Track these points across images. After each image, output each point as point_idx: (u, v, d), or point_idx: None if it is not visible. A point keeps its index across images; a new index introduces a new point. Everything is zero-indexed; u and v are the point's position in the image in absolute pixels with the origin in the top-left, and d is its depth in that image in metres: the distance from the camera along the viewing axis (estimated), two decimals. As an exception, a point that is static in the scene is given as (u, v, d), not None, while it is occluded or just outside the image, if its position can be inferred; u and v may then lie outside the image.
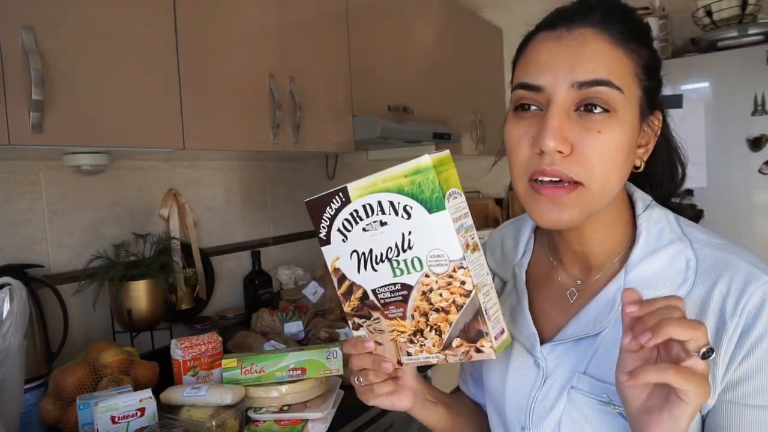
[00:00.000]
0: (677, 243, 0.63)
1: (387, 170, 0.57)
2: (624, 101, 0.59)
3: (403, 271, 0.59)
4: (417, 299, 0.59)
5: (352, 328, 0.67)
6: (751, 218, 2.19)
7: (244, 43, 1.46)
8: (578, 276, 0.70)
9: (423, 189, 0.55)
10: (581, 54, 0.58)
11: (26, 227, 1.37)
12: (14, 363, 0.98)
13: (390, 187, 0.57)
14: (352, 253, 0.62)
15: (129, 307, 1.41)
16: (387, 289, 0.61)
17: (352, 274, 0.63)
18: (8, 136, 0.98)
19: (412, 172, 0.55)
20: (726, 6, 2.23)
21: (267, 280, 1.91)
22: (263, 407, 1.19)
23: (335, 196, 0.61)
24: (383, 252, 0.59)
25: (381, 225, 0.58)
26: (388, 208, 0.57)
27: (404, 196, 0.56)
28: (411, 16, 2.25)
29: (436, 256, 0.56)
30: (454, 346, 0.59)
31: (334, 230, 0.62)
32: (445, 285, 0.57)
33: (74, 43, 1.08)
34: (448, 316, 0.58)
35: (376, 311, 0.63)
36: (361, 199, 0.59)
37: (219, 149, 1.43)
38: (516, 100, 0.63)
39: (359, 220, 0.60)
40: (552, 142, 0.57)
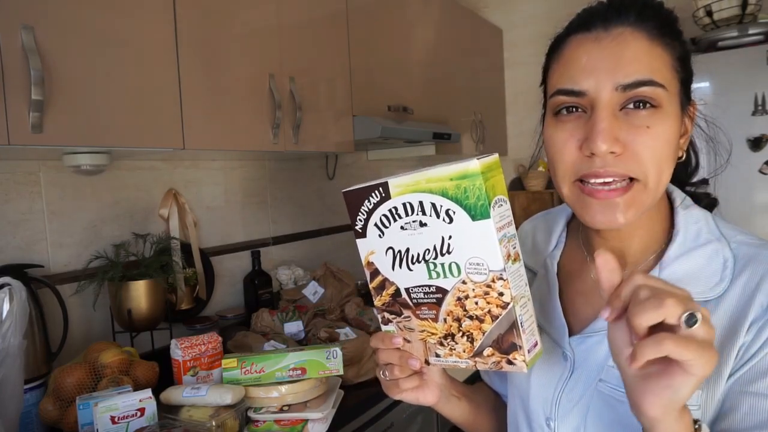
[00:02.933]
0: (715, 243, 0.63)
1: (432, 170, 0.55)
2: (667, 96, 0.59)
3: (440, 275, 0.58)
4: (451, 304, 0.58)
5: (381, 322, 0.66)
6: (752, 218, 2.19)
7: (244, 43, 1.46)
8: None
9: (468, 195, 0.53)
10: (622, 56, 0.58)
11: (26, 227, 1.37)
12: (14, 363, 0.98)
13: (433, 189, 0.55)
14: (388, 249, 0.61)
15: (129, 307, 1.41)
16: (421, 290, 0.60)
17: (386, 270, 0.62)
18: (8, 136, 0.98)
19: (458, 176, 0.53)
20: (726, 6, 2.23)
21: (267, 280, 1.91)
22: (263, 407, 1.19)
23: (375, 191, 0.59)
24: (420, 253, 0.58)
25: (420, 225, 0.57)
26: (429, 210, 0.56)
27: (448, 199, 0.54)
28: (411, 16, 2.25)
29: (475, 264, 0.55)
30: (485, 354, 0.58)
31: (370, 224, 0.61)
32: (482, 294, 0.55)
33: (74, 43, 1.08)
34: (482, 324, 0.56)
35: (407, 309, 0.62)
36: (401, 197, 0.57)
37: (219, 149, 1.43)
38: (556, 106, 0.63)
39: (398, 217, 0.58)
40: (604, 144, 0.57)
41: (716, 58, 2.20)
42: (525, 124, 3.09)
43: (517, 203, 3.07)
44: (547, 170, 3.01)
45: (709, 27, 2.30)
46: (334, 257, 2.33)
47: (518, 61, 3.10)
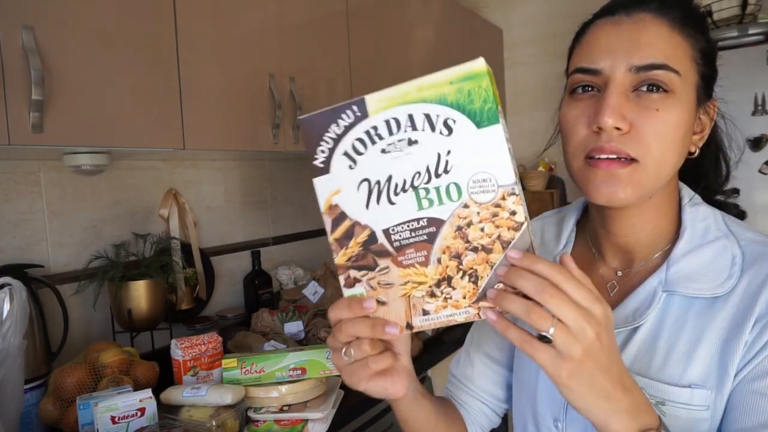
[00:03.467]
0: (723, 239, 0.63)
1: (425, 77, 0.46)
2: (682, 84, 0.59)
3: (433, 202, 0.48)
4: (449, 237, 0.48)
5: (345, 285, 0.53)
6: (752, 218, 2.19)
7: (244, 43, 1.46)
8: (619, 268, 0.70)
9: (473, 98, 0.45)
10: (639, 39, 0.59)
11: (26, 227, 1.37)
12: (14, 363, 0.98)
13: (429, 97, 0.46)
14: (362, 182, 0.50)
15: (129, 307, 1.41)
16: (407, 227, 0.49)
17: (356, 210, 0.51)
18: (8, 136, 0.98)
19: (461, 78, 0.45)
20: (726, 6, 2.23)
21: (267, 280, 1.91)
22: (263, 407, 1.19)
23: (346, 111, 0.49)
24: (407, 179, 0.49)
25: (409, 144, 0.48)
26: (422, 123, 0.47)
27: (446, 106, 0.46)
28: (411, 16, 2.25)
29: (480, 180, 0.47)
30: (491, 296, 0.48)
31: (337, 154, 0.50)
32: (488, 217, 0.47)
33: (74, 43, 1.08)
34: (490, 255, 0.47)
35: (385, 258, 0.51)
36: (383, 113, 0.48)
37: (219, 149, 1.43)
38: (573, 84, 0.64)
39: (378, 139, 0.49)
40: (610, 119, 0.57)
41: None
42: (525, 124, 3.09)
43: (517, 203, 3.06)
44: (547, 170, 3.01)
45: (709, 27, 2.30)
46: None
47: (518, 61, 3.10)
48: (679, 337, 0.61)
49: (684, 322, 0.61)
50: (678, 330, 0.61)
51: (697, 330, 0.60)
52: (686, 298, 0.62)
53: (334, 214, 0.52)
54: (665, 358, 0.61)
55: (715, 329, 0.59)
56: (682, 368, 0.60)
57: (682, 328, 0.61)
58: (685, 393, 0.59)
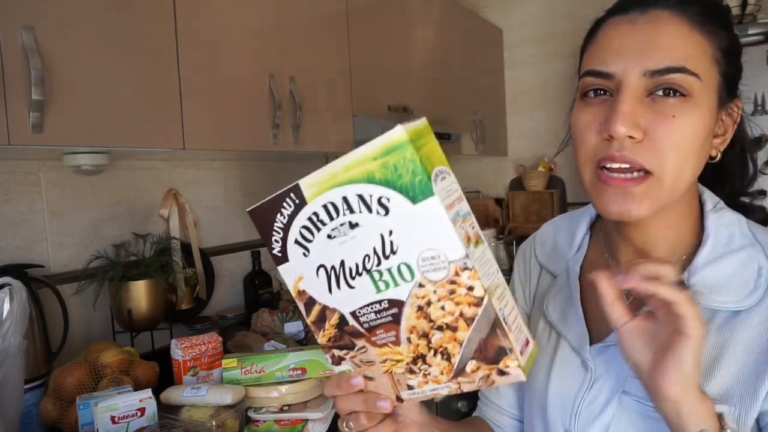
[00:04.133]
0: (749, 249, 0.59)
1: (349, 154, 0.44)
2: (701, 87, 0.55)
3: (389, 284, 0.46)
4: (412, 317, 0.47)
5: (332, 363, 0.54)
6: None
7: (244, 43, 1.46)
8: None
9: (400, 173, 0.42)
10: (654, 39, 0.55)
11: (26, 227, 1.36)
12: (14, 363, 0.98)
13: (356, 177, 0.44)
14: (319, 268, 0.49)
15: (129, 307, 1.41)
16: (371, 309, 0.48)
17: (322, 295, 0.50)
18: (8, 136, 0.98)
19: (382, 152, 0.42)
20: (726, 6, 2.23)
21: (267, 280, 1.91)
22: (263, 407, 1.19)
23: (285, 199, 0.48)
24: (358, 263, 0.47)
25: (351, 227, 0.46)
26: (357, 205, 0.45)
27: (376, 185, 0.43)
28: (411, 16, 2.25)
29: (429, 258, 0.44)
30: (468, 371, 0.47)
31: (290, 243, 0.49)
32: (446, 295, 0.45)
33: (74, 43, 1.08)
34: (456, 333, 0.46)
35: (360, 339, 0.50)
36: (319, 198, 0.46)
37: (219, 149, 1.43)
38: (584, 87, 0.60)
39: (321, 225, 0.47)
40: (623, 127, 0.54)
41: (716, 58, 2.20)
42: (525, 124, 3.09)
43: (517, 203, 3.06)
44: (547, 170, 3.01)
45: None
46: (334, 257, 2.33)
47: (518, 61, 3.10)
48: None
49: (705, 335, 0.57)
50: None
51: (718, 344, 0.57)
52: (707, 309, 0.58)
53: (304, 298, 0.51)
54: None
55: (739, 343, 0.56)
56: (703, 383, 0.56)
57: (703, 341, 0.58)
58: None
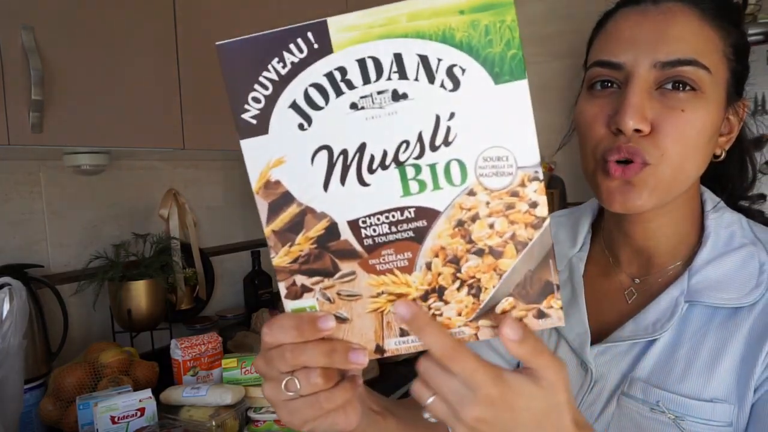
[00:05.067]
0: (749, 247, 0.59)
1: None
2: (711, 82, 0.55)
3: (425, 186, 0.35)
4: (445, 235, 0.36)
5: (288, 295, 0.40)
6: (751, 218, 2.19)
7: (244, 43, 1.46)
8: (636, 275, 0.66)
9: (492, 39, 0.32)
10: (666, 31, 0.54)
11: (26, 227, 1.36)
12: (14, 363, 0.97)
13: (427, 30, 0.32)
14: (318, 151, 0.35)
15: (129, 307, 1.41)
16: (385, 219, 0.36)
17: (308, 191, 0.36)
18: (8, 136, 0.98)
19: (476, 5, 0.32)
20: (726, 6, 2.23)
21: (267, 280, 1.91)
22: (263, 407, 1.19)
23: (296, 39, 0.35)
24: (389, 150, 0.34)
25: (394, 99, 0.34)
26: (414, 68, 0.33)
27: (453, 48, 0.32)
28: (411, 16, 2.25)
29: (494, 158, 0.34)
30: (498, 311, 0.37)
31: (281, 106, 0.35)
32: (501, 209, 0.35)
33: (74, 43, 1.08)
34: (499, 261, 0.36)
35: (349, 260, 0.37)
36: (355, 48, 0.34)
37: (219, 149, 1.43)
38: (591, 78, 0.59)
39: (346, 87, 0.34)
40: (631, 120, 0.52)
41: (716, 58, 2.20)
42: (525, 124, 3.09)
43: (517, 203, 3.05)
44: (547, 170, 3.01)
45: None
46: (334, 257, 2.33)
47: (518, 61, 3.10)
48: (700, 348, 0.57)
49: (705, 333, 0.58)
50: (699, 341, 0.58)
51: (719, 341, 0.57)
52: (709, 307, 0.58)
53: (274, 194, 0.36)
54: (685, 370, 0.57)
55: (739, 341, 0.56)
56: (704, 382, 0.56)
57: (704, 339, 0.57)
58: (706, 408, 0.55)
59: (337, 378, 0.41)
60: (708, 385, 0.56)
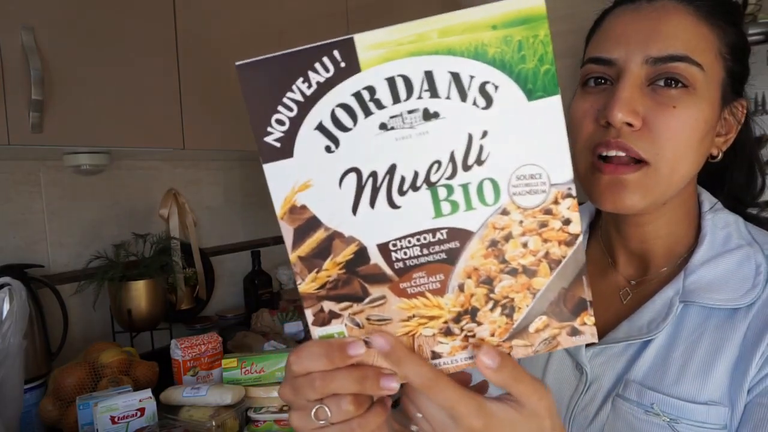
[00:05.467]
0: (746, 248, 0.59)
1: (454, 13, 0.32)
2: (704, 79, 0.54)
3: (458, 206, 0.34)
4: (478, 256, 0.35)
5: (315, 322, 0.38)
6: (751, 218, 2.19)
7: (244, 43, 1.46)
8: (633, 276, 0.65)
9: (525, 54, 0.31)
10: (659, 28, 0.54)
11: (26, 227, 1.36)
12: (14, 363, 0.98)
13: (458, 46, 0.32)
14: (347, 174, 0.34)
15: (129, 307, 1.41)
16: (416, 242, 0.35)
17: (337, 215, 0.35)
18: (8, 136, 0.98)
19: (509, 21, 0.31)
20: (726, 6, 2.23)
21: (267, 280, 1.91)
22: (263, 407, 1.19)
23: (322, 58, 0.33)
24: (420, 171, 0.34)
25: (425, 118, 0.33)
26: (446, 86, 0.32)
27: (486, 64, 0.32)
28: (411, 16, 2.24)
29: (528, 176, 0.34)
30: (532, 330, 0.36)
31: (306, 128, 0.34)
32: (535, 227, 0.35)
33: (74, 43, 1.08)
34: (533, 279, 0.35)
35: (380, 285, 0.36)
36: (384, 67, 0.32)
37: (219, 149, 1.43)
38: (584, 75, 0.59)
39: (375, 107, 0.33)
40: (620, 113, 0.52)
41: (716, 58, 2.20)
42: (525, 124, 3.09)
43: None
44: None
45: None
46: (334, 257, 2.33)
47: (518, 61, 3.10)
48: (696, 350, 0.57)
49: (701, 335, 0.57)
50: (694, 343, 0.57)
51: (715, 343, 0.56)
52: (705, 308, 0.58)
53: (300, 219, 0.35)
54: (680, 372, 0.57)
55: (735, 343, 0.55)
56: (699, 384, 0.56)
57: (699, 340, 0.57)
58: (701, 411, 0.55)
59: (368, 403, 0.40)
60: (703, 387, 0.55)
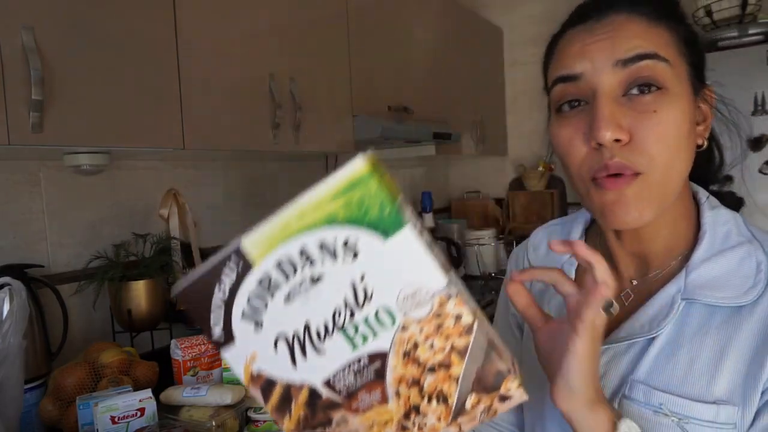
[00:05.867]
0: (747, 245, 0.59)
1: (300, 199, 0.39)
2: (674, 75, 0.55)
3: (366, 337, 0.41)
4: (399, 367, 0.42)
5: None
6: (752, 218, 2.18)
7: (244, 43, 1.46)
8: (633, 277, 0.66)
9: (367, 208, 0.38)
10: (618, 37, 0.55)
11: (26, 227, 1.36)
12: (14, 363, 0.98)
13: (316, 221, 0.39)
14: (277, 341, 0.42)
15: (129, 307, 1.41)
16: (348, 371, 0.42)
17: (284, 372, 0.43)
18: (8, 136, 0.98)
19: (344, 189, 0.38)
20: (726, 6, 2.23)
21: (267, 280, 1.90)
22: (263, 407, 1.19)
23: (223, 269, 0.42)
24: (327, 321, 0.41)
25: (313, 282, 0.40)
26: (319, 254, 0.40)
27: (340, 226, 0.39)
28: (411, 17, 2.25)
29: (410, 295, 0.40)
30: (468, 407, 0.43)
31: (235, 320, 0.42)
32: (434, 331, 0.41)
33: (74, 43, 1.08)
34: (451, 370, 0.42)
35: (337, 410, 0.43)
36: (269, 257, 0.41)
37: (219, 149, 1.43)
38: (557, 99, 0.59)
39: (276, 288, 0.41)
40: (608, 132, 0.52)
41: (716, 58, 2.20)
42: (525, 125, 3.09)
43: (518, 203, 3.06)
44: (546, 170, 3.01)
45: (709, 27, 2.30)
46: (334, 257, 2.33)
47: (518, 61, 3.10)
48: (702, 348, 0.56)
49: (706, 333, 0.57)
50: (700, 341, 0.57)
51: (721, 341, 0.56)
52: (708, 306, 0.57)
53: (260, 382, 0.43)
54: (687, 371, 0.56)
55: (742, 341, 0.55)
56: (707, 383, 0.55)
57: (704, 339, 0.57)
58: (710, 410, 0.54)
59: None
60: (711, 386, 0.55)
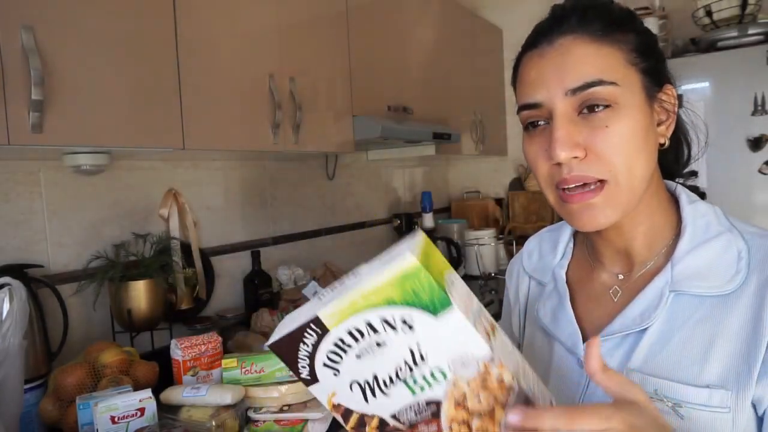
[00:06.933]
0: (726, 234, 0.62)
1: (362, 282, 0.47)
2: (623, 93, 0.59)
3: (424, 388, 0.50)
4: (451, 411, 0.51)
5: None
6: (751, 218, 2.18)
7: (244, 43, 1.46)
8: (620, 272, 0.69)
9: (418, 293, 0.46)
10: (566, 64, 0.60)
11: (26, 227, 1.36)
12: (14, 363, 0.97)
13: (377, 302, 0.47)
14: (352, 384, 0.52)
15: (129, 307, 1.41)
16: (410, 410, 0.52)
17: (358, 405, 0.53)
18: (8, 136, 0.98)
19: (399, 280, 0.46)
20: (726, 6, 2.23)
21: (267, 280, 1.91)
22: (263, 407, 1.19)
23: (306, 331, 0.51)
24: (391, 374, 0.50)
25: (379, 346, 0.49)
26: (382, 327, 0.48)
27: (398, 307, 0.47)
28: (410, 16, 2.25)
29: (458, 358, 0.48)
30: None
31: (318, 366, 0.52)
32: (480, 386, 0.49)
33: (74, 43, 1.08)
34: (495, 415, 0.50)
35: None
36: (342, 325, 0.49)
37: (219, 149, 1.43)
38: (523, 121, 0.65)
39: (348, 348, 0.50)
40: (563, 152, 0.59)
41: (716, 58, 2.20)
42: (525, 124, 3.09)
43: (518, 203, 3.06)
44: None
45: (708, 27, 2.30)
46: (334, 257, 2.33)
47: (518, 61, 3.10)
48: (692, 336, 0.60)
49: (695, 322, 0.60)
50: (690, 329, 0.60)
51: (710, 328, 0.59)
52: (694, 297, 0.61)
53: (341, 410, 0.54)
54: (679, 357, 0.60)
55: (731, 327, 0.58)
56: (699, 368, 0.59)
57: (694, 327, 0.60)
58: (703, 393, 0.58)
59: None
60: (703, 372, 0.58)
